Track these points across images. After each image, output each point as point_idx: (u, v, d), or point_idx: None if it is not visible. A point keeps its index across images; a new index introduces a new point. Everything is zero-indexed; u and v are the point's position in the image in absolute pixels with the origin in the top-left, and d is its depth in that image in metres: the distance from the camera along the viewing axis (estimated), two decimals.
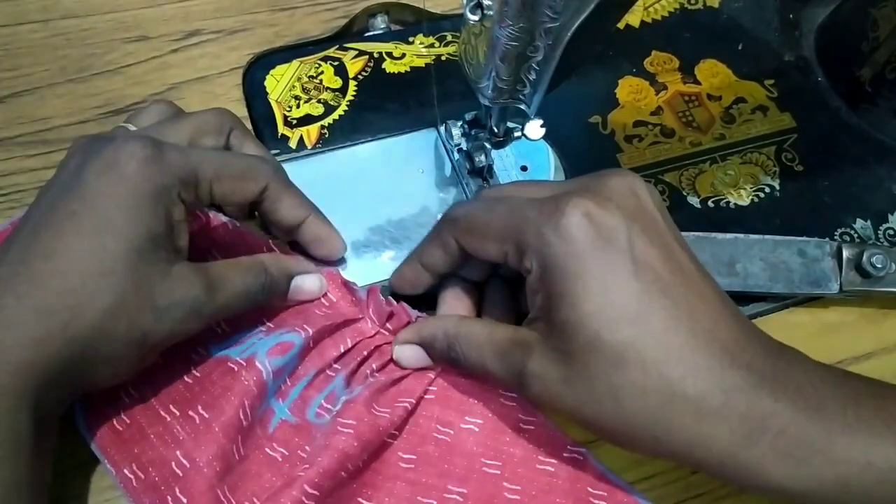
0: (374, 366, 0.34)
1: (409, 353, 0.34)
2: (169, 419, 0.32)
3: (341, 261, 0.38)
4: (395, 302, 0.35)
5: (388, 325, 0.35)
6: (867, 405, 0.27)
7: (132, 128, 0.35)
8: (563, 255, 0.27)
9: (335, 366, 0.34)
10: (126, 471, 0.31)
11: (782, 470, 0.26)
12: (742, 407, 0.26)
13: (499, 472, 0.33)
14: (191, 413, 0.32)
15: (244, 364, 0.33)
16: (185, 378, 0.33)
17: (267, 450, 0.32)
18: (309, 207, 0.36)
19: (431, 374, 0.34)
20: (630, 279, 0.27)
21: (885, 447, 0.26)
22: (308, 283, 0.35)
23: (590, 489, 0.32)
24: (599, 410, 0.27)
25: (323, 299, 0.36)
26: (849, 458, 0.26)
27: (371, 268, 0.39)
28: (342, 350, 0.34)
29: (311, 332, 0.34)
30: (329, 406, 0.33)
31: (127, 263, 0.28)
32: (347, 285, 0.36)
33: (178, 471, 0.30)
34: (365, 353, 0.35)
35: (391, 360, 0.35)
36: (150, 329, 0.29)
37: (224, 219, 0.35)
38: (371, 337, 0.35)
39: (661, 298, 0.27)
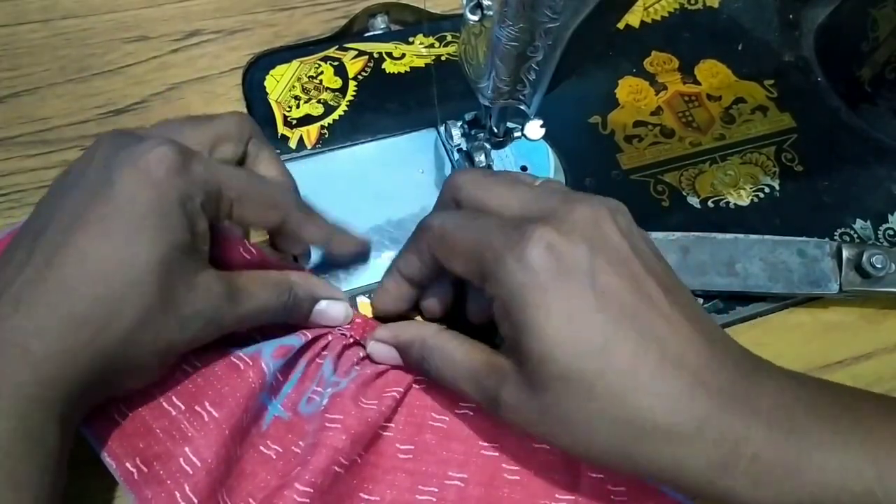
0: (360, 354, 0.35)
1: (383, 352, 0.34)
2: (174, 413, 0.32)
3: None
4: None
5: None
6: (842, 423, 0.26)
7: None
8: (523, 286, 0.27)
9: (323, 353, 0.35)
10: (128, 464, 0.30)
11: (757, 495, 0.26)
12: (715, 434, 0.26)
13: (497, 454, 0.33)
14: (197, 409, 0.32)
15: (250, 363, 0.32)
16: (186, 368, 0.33)
17: (261, 447, 0.32)
18: (330, 228, 0.36)
19: None
20: (593, 311, 0.26)
21: (858, 467, 0.26)
22: (333, 309, 0.35)
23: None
24: (574, 440, 0.28)
25: None
26: (823, 481, 0.26)
27: (371, 268, 0.39)
28: (330, 339, 0.35)
29: (309, 336, 0.34)
30: (319, 389, 0.34)
31: (156, 273, 0.28)
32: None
33: (187, 468, 0.30)
34: (351, 339, 0.35)
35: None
36: (174, 339, 0.29)
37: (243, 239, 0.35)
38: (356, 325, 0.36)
39: (626, 329, 0.26)
